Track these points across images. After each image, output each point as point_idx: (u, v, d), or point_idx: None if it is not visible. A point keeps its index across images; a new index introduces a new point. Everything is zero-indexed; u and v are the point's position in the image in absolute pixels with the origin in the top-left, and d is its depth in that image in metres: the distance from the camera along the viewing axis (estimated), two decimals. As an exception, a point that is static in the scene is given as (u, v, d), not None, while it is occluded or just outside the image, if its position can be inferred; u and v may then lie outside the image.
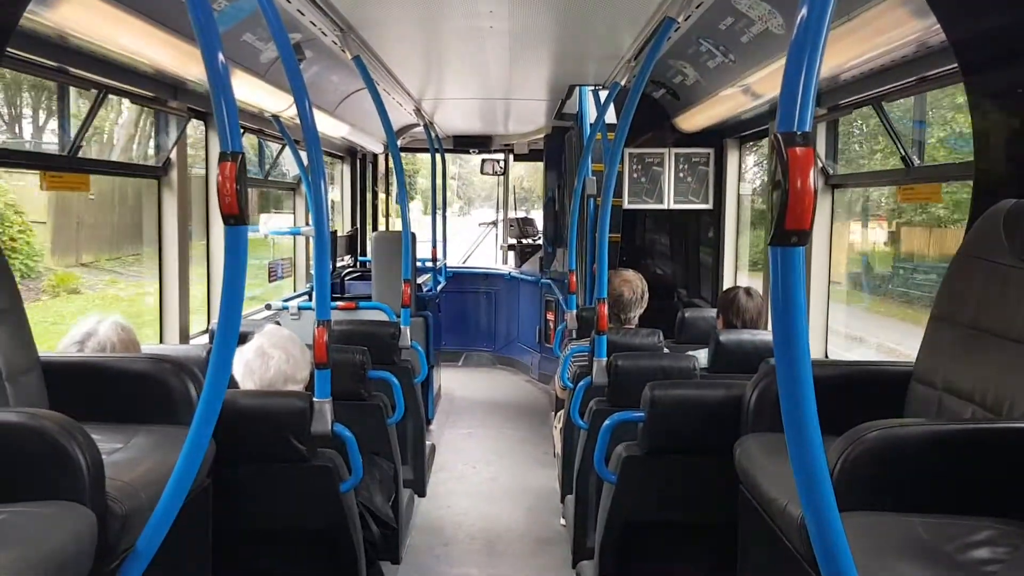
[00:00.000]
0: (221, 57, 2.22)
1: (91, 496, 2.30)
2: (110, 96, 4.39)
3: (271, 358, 3.55)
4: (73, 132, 4.34)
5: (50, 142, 13.51)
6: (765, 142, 6.65)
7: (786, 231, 1.50)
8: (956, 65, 3.43)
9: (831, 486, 1.57)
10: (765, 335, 4.51)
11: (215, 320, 5.55)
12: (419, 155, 12.70)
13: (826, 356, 5.40)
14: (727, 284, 7.03)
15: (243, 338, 3.54)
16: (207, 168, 5.81)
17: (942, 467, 2.49)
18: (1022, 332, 2.69)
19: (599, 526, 3.78)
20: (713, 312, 5.67)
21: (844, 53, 3.94)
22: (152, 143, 5.31)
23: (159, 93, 4.72)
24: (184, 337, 5.19)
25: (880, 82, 4.32)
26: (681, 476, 3.58)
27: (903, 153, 4.46)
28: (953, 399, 2.95)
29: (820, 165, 5.26)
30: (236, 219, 2.25)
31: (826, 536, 1.57)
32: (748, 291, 4.93)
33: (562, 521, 5.59)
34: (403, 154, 9.85)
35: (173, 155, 5.08)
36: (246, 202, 2.24)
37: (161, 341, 5.14)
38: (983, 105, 3.27)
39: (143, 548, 2.38)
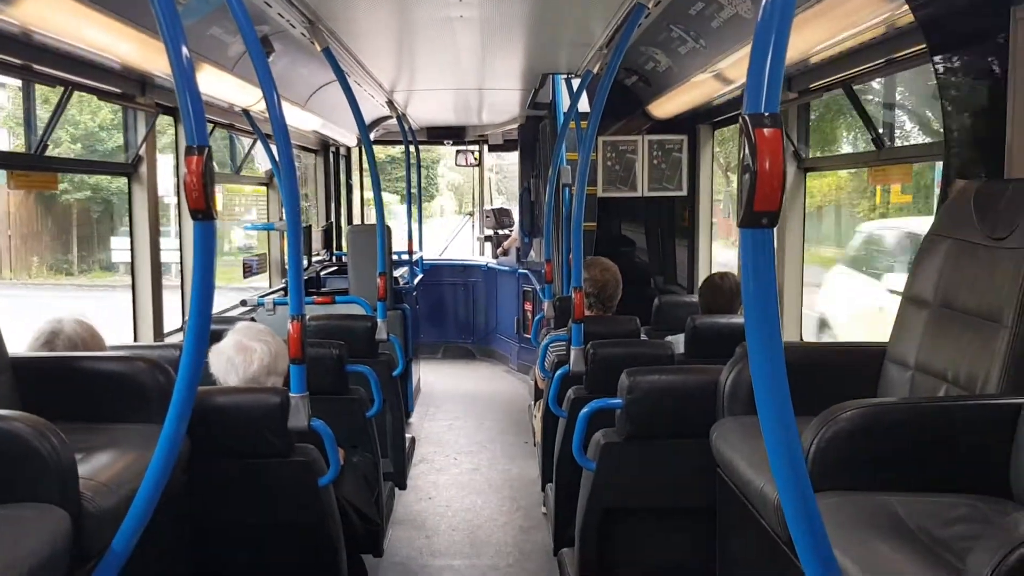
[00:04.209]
0: (185, 51, 2.19)
1: (65, 497, 2.28)
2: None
3: (253, 352, 3.52)
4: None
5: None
6: (737, 127, 6.66)
7: (756, 213, 1.50)
8: (924, 46, 3.45)
9: (805, 467, 1.58)
10: (740, 319, 4.54)
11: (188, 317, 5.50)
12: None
13: (800, 339, 5.43)
14: (703, 270, 7.06)
15: (216, 336, 3.53)
16: (177, 164, 5.76)
17: (916, 445, 2.51)
18: (993, 309, 2.71)
19: (579, 513, 3.79)
20: (689, 298, 5.71)
21: (813, 36, 3.95)
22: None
23: (126, 89, 4.67)
24: (158, 334, 5.14)
25: (849, 64, 4.34)
26: (659, 461, 3.60)
27: (874, 135, 4.48)
28: (926, 377, 2.97)
29: (792, 149, 5.27)
30: (204, 214, 2.22)
31: (802, 517, 1.57)
32: (722, 274, 5.02)
33: (543, 509, 5.60)
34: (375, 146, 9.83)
35: (143, 151, 5.03)
36: (214, 197, 2.22)
37: (135, 339, 5.09)
38: (951, 85, 3.29)
39: (119, 548, 2.36)
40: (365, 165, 10.59)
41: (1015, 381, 2.58)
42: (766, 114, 1.48)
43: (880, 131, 4.51)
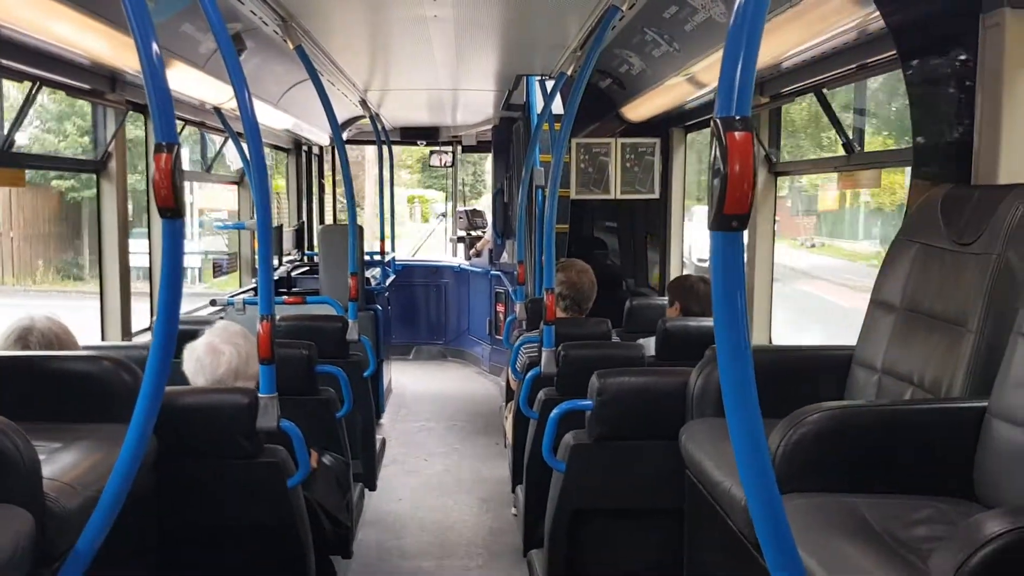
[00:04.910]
0: (155, 47, 2.17)
1: (29, 497, 2.25)
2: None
3: (221, 354, 3.51)
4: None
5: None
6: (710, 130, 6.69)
7: (726, 216, 1.51)
8: (895, 52, 3.48)
9: (772, 469, 1.59)
10: (710, 322, 4.54)
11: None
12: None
13: (770, 342, 5.46)
14: (674, 273, 7.08)
15: (192, 335, 3.51)
16: (147, 162, 5.71)
17: (882, 448, 2.53)
18: (958, 313, 2.74)
19: (548, 514, 3.79)
20: (660, 301, 5.71)
21: (785, 41, 3.97)
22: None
23: (96, 85, 4.62)
24: (126, 333, 5.10)
25: (821, 70, 4.37)
26: (628, 462, 3.61)
27: (845, 140, 4.52)
28: (893, 381, 3.00)
29: (764, 153, 5.31)
30: (173, 212, 2.20)
31: (768, 518, 1.58)
32: (703, 279, 5.03)
33: (513, 510, 5.60)
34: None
35: (112, 148, 4.98)
36: (182, 194, 2.20)
37: (103, 338, 5.04)
38: (921, 91, 3.32)
39: (83, 549, 2.33)
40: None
41: (979, 385, 2.61)
42: (737, 117, 1.49)
43: (851, 136, 4.55)
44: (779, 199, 6.98)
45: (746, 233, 1.56)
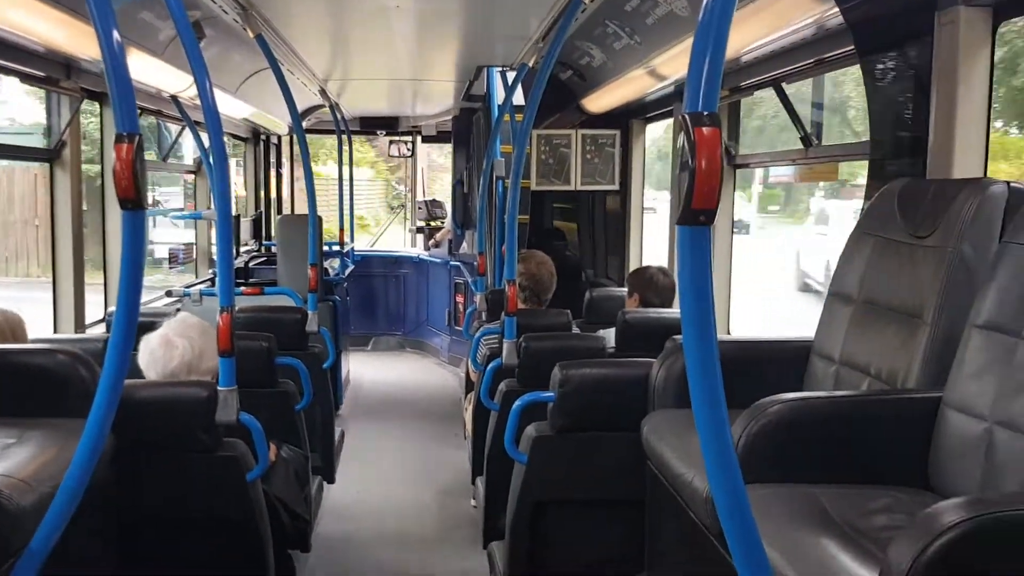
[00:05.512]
0: (116, 35, 2.13)
1: None
2: None
3: (175, 348, 3.46)
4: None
5: None
6: (670, 122, 6.73)
7: (693, 210, 1.52)
8: (853, 47, 3.53)
9: (736, 460, 1.60)
10: (670, 313, 4.58)
11: (112, 308, 5.38)
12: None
13: (728, 333, 5.51)
14: (634, 263, 7.12)
15: (151, 326, 3.45)
16: (102, 151, 5.61)
17: (840, 438, 2.57)
18: (914, 305, 2.79)
19: (510, 506, 3.80)
20: (620, 292, 5.74)
21: (746, 35, 4.01)
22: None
23: (51, 72, 4.54)
24: (80, 326, 5.02)
25: (780, 64, 4.42)
26: (590, 454, 3.62)
27: (802, 133, 4.57)
28: (850, 372, 3.05)
29: (724, 146, 5.35)
30: (133, 203, 2.17)
31: (733, 509, 1.59)
32: (663, 270, 5.04)
33: (473, 502, 5.60)
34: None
35: (66, 137, 4.89)
36: (144, 185, 2.16)
37: (55, 330, 4.96)
38: (877, 85, 3.37)
39: (38, 547, 2.29)
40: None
41: (934, 375, 2.66)
42: (705, 113, 1.50)
43: (808, 130, 4.60)
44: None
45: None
